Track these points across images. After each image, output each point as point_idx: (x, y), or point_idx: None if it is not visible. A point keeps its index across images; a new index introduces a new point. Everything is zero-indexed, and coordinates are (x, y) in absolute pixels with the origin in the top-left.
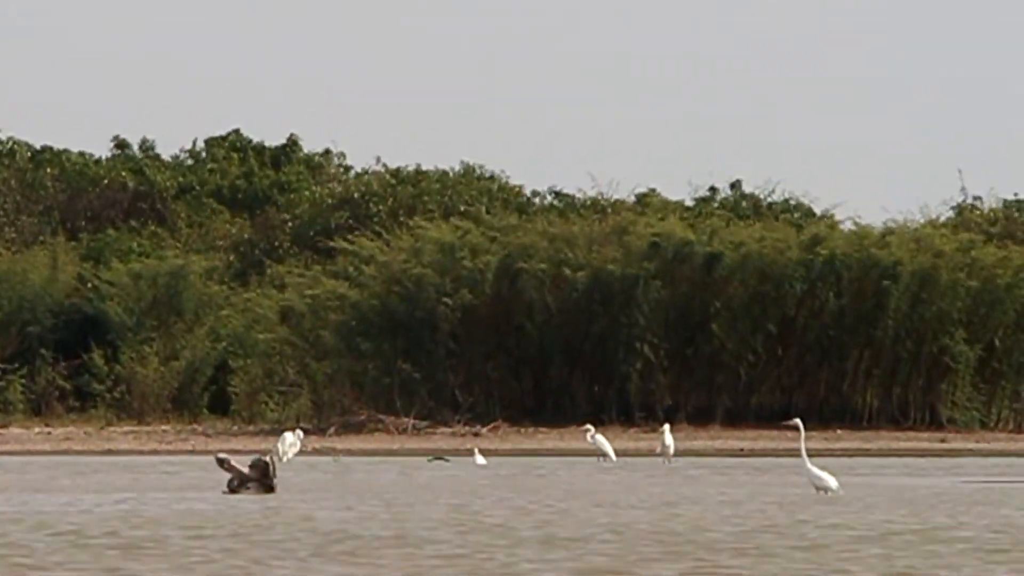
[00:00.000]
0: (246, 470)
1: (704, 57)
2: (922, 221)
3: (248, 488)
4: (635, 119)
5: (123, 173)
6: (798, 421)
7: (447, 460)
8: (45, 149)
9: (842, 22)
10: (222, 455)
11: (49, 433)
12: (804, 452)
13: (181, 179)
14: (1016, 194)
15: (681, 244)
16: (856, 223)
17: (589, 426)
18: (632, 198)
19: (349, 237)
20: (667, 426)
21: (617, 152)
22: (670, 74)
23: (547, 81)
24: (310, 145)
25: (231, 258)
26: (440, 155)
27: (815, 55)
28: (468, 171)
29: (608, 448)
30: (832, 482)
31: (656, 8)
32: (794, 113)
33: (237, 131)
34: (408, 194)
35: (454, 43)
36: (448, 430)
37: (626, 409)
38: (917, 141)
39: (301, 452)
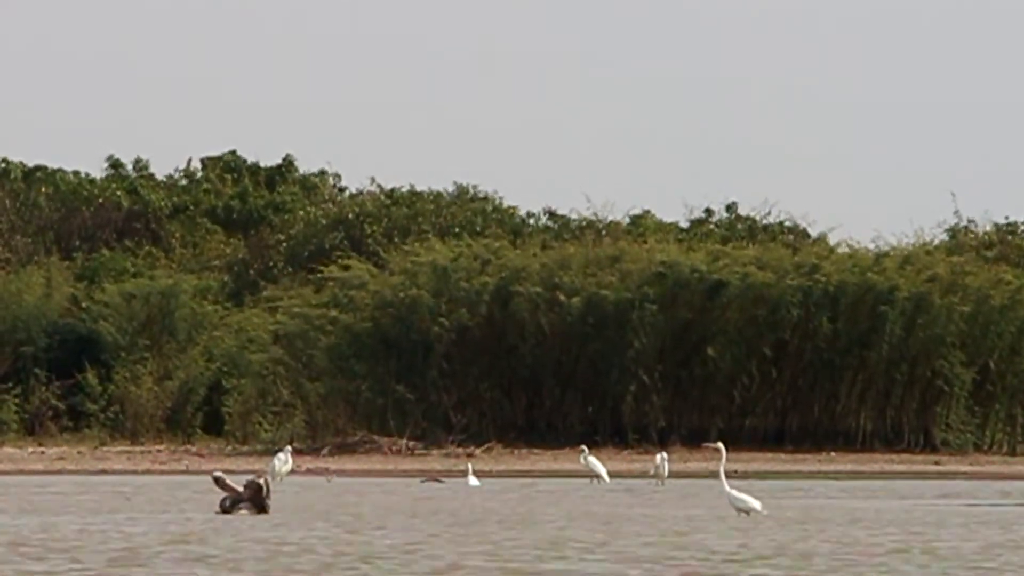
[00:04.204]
0: (242, 490)
1: (700, 79)
2: (916, 244)
3: (240, 509)
4: (630, 140)
5: (117, 192)
6: (720, 444)
7: (441, 481)
8: (39, 168)
9: (838, 46)
10: (218, 473)
11: (43, 453)
12: (723, 475)
13: (175, 199)
14: (1007, 217)
15: (688, 272)
16: (851, 246)
17: (584, 447)
18: (627, 220)
19: (341, 262)
20: (663, 454)
21: (612, 173)
22: (665, 95)
23: (541, 102)
24: (305, 165)
25: (225, 278)
26: (435, 176)
27: (811, 77)
28: (462, 192)
29: (601, 470)
30: (754, 503)
31: (650, 29)
32: (790, 135)
33: (232, 151)
34: (402, 215)
35: (448, 64)
36: (442, 451)
37: (620, 431)
38: (911, 164)
39: (293, 472)
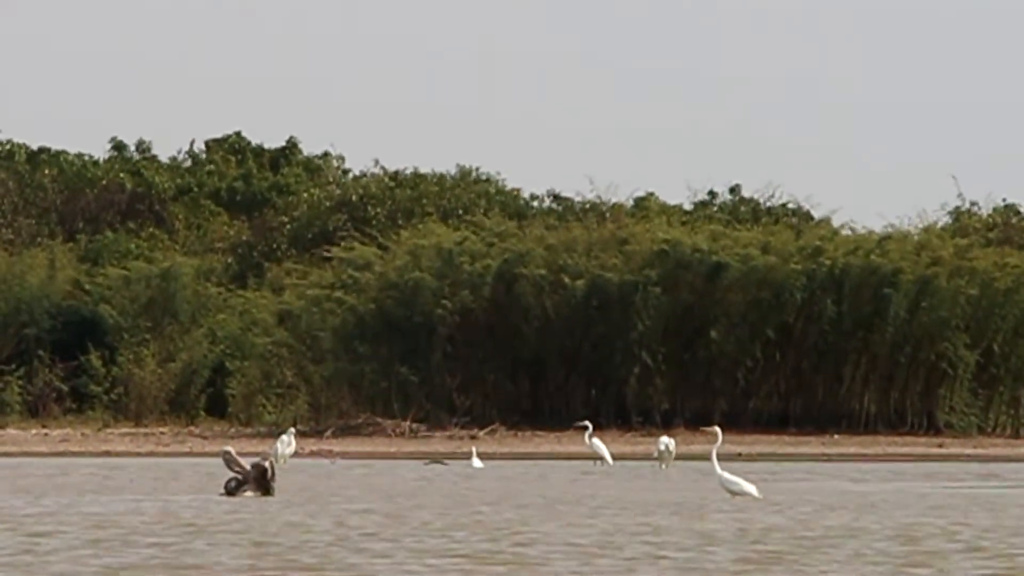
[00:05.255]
0: (250, 468)
1: (703, 61)
2: (920, 227)
3: (245, 490)
4: (634, 122)
5: (121, 175)
6: (716, 428)
7: (445, 463)
8: (43, 150)
9: (840, 28)
10: (228, 449)
11: (46, 435)
12: (715, 458)
13: (179, 181)
14: (1004, 199)
15: (689, 251)
16: (855, 229)
17: (587, 423)
18: (630, 202)
19: (346, 244)
20: (667, 438)
21: (615, 155)
22: (669, 77)
23: (545, 84)
24: (309, 147)
25: (229, 260)
26: (439, 158)
27: (813, 60)
28: (465, 174)
29: (605, 451)
30: (749, 487)
31: (653, 12)
32: (793, 118)
33: (236, 133)
34: (406, 197)
35: (452, 46)
36: (445, 433)
37: (623, 413)
38: (914, 147)
39: (296, 454)
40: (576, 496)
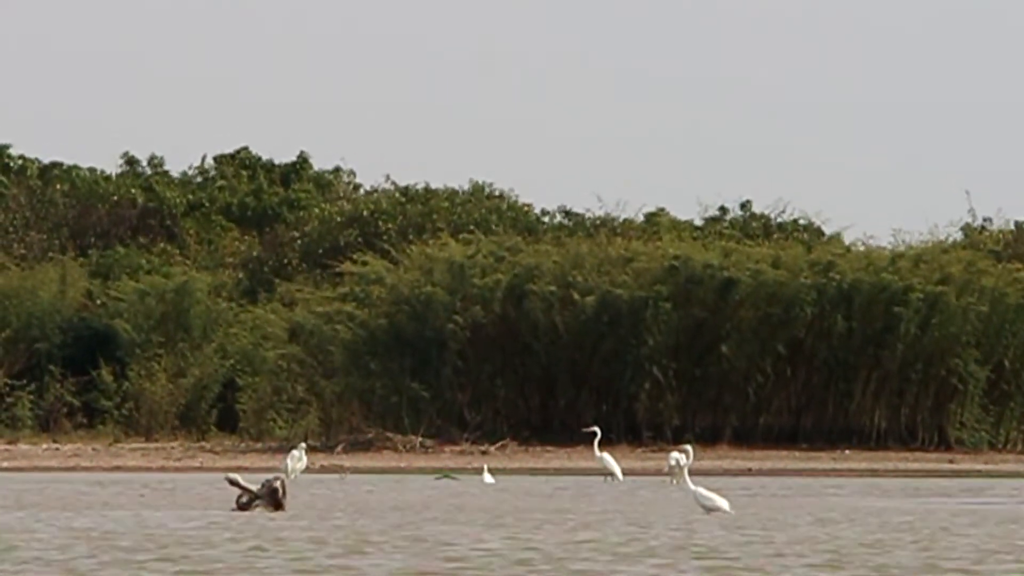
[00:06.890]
0: (256, 489)
1: (714, 77)
2: (931, 242)
3: (257, 505)
4: (644, 138)
5: (132, 189)
6: (688, 447)
7: (455, 478)
8: (55, 165)
9: (850, 43)
10: (232, 476)
11: (57, 449)
12: (687, 474)
13: (190, 196)
14: None
15: (700, 267)
16: (866, 245)
17: (595, 429)
18: (641, 218)
19: (357, 258)
20: (676, 453)
21: (626, 171)
22: (679, 93)
23: (556, 99)
24: (320, 163)
25: (240, 275)
26: (449, 173)
27: (824, 75)
28: (477, 189)
29: (615, 467)
30: (722, 503)
31: (664, 27)
32: (804, 133)
33: (246, 148)
34: (417, 212)
35: (463, 61)
36: (456, 448)
37: (634, 429)
38: (926, 162)
39: (308, 469)
40: (566, 510)
